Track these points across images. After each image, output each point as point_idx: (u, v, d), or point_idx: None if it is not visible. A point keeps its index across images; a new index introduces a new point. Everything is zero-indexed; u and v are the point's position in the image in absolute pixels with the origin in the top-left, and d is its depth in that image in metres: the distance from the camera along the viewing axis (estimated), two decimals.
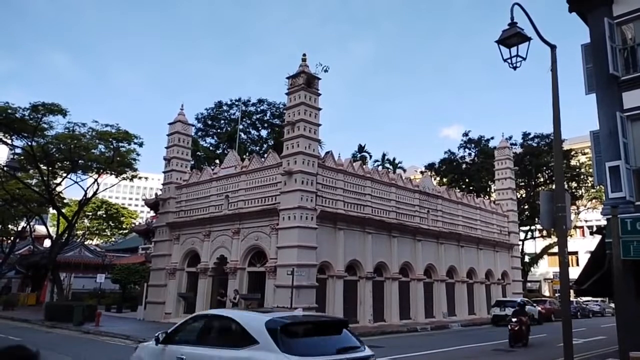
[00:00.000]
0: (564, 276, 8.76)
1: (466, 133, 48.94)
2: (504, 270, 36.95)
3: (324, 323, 7.30)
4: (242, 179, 25.33)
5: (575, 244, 54.12)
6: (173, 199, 29.07)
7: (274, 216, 22.68)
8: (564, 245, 8.86)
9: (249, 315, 6.93)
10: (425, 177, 35.26)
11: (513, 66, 8.92)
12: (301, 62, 23.67)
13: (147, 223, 45.35)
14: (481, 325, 28.82)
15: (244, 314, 7.18)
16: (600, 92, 12.05)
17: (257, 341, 5.97)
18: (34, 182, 34.72)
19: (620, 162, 10.98)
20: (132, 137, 29.98)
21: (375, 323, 24.81)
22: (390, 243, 27.20)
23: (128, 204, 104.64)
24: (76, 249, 41.03)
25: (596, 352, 15.82)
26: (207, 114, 47.44)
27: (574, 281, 13.53)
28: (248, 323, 6.41)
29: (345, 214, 24.41)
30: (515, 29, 8.74)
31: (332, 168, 24.46)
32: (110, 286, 37.91)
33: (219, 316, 7.45)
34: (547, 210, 9.09)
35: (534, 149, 45.22)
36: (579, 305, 39.92)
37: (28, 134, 27.90)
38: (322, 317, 9.08)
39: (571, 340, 8.45)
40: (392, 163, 54.62)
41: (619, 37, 12.18)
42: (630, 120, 11.57)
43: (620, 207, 10.41)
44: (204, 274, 25.84)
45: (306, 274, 21.23)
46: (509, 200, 38.46)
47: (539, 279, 60.88)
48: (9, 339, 17.41)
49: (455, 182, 47.96)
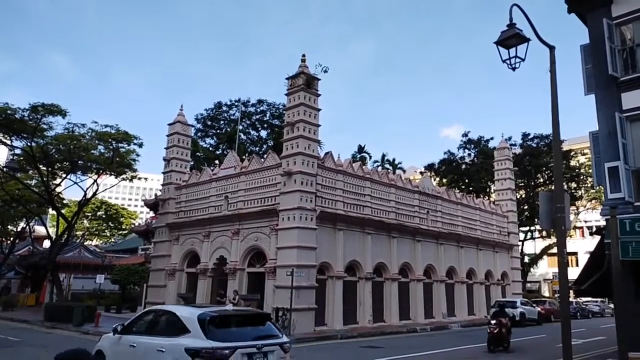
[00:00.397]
0: (562, 276, 8.78)
1: (466, 133, 49.05)
2: (504, 270, 36.96)
3: (248, 316, 8.65)
4: (241, 179, 25.34)
5: (575, 245, 54.18)
6: (173, 199, 29.08)
7: (274, 217, 22.69)
8: (563, 246, 8.87)
9: (185, 310, 8.14)
10: (424, 177, 35.27)
11: (512, 67, 8.94)
12: (301, 62, 23.68)
13: (146, 224, 45.32)
14: (481, 325, 28.70)
15: (182, 308, 8.52)
16: (599, 93, 12.07)
17: (190, 330, 7.29)
18: (34, 183, 34.71)
19: (619, 162, 11.00)
20: (132, 138, 29.97)
21: (374, 324, 24.79)
22: (390, 243, 27.20)
23: (127, 205, 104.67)
24: (76, 250, 40.97)
25: (596, 353, 15.83)
26: (207, 115, 47.48)
27: (574, 281, 13.54)
28: (184, 316, 7.70)
29: (344, 215, 24.41)
30: (514, 30, 8.76)
31: (331, 169, 24.47)
32: (109, 287, 37.87)
33: (164, 311, 8.75)
34: (546, 210, 9.12)
35: (533, 150, 45.25)
36: (579, 305, 39.94)
37: (27, 134, 27.87)
38: (247, 311, 10.58)
39: (570, 340, 8.47)
40: (391, 163, 54.65)
41: (618, 37, 12.20)
42: (629, 121, 11.59)
43: (619, 207, 10.43)
44: (203, 275, 25.83)
45: (306, 274, 21.23)
46: (509, 201, 38.48)
47: (538, 279, 60.93)
48: (9, 339, 17.44)
49: (454, 182, 48.00)
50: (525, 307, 29.78)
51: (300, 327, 20.29)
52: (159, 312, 8.83)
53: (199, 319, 7.33)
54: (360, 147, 53.64)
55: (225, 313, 8.08)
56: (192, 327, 7.29)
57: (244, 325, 7.99)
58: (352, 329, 22.70)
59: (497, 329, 15.63)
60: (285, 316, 20.22)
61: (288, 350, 7.86)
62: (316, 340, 19.19)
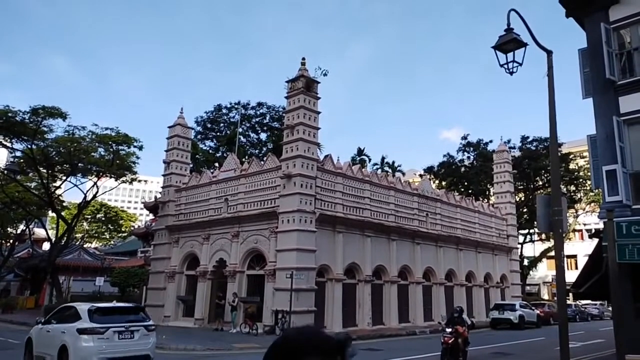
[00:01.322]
0: (560, 279, 8.82)
1: (465, 136, 49.11)
2: (503, 273, 36.96)
3: (124, 308, 12.37)
4: (241, 182, 25.39)
5: (574, 248, 54.15)
6: (172, 202, 29.11)
7: (273, 219, 22.73)
8: (560, 249, 8.92)
9: (82, 305, 11.92)
10: (424, 180, 35.32)
11: (509, 71, 9.00)
12: (300, 66, 23.77)
13: (146, 226, 45.33)
14: (480, 328, 28.83)
15: (80, 304, 12.37)
16: (597, 97, 12.13)
17: (82, 318, 10.91)
18: (34, 185, 34.76)
19: (617, 166, 11.05)
20: (132, 141, 30.05)
21: (374, 326, 24.81)
22: (389, 246, 27.23)
23: (127, 207, 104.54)
24: (75, 252, 40.95)
25: (594, 355, 15.87)
26: (207, 117, 47.49)
27: (572, 284, 13.59)
28: (80, 309, 11.37)
29: (344, 217, 24.45)
30: (512, 34, 8.81)
31: (331, 171, 24.52)
32: (109, 289, 37.80)
33: (70, 306, 12.38)
34: (544, 213, 9.16)
35: (532, 153, 45.30)
36: (578, 308, 39.87)
37: (28, 137, 27.95)
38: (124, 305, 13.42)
39: (567, 343, 8.50)
40: (391, 166, 54.68)
41: (615, 41, 12.27)
42: (626, 125, 11.65)
43: (616, 210, 10.48)
44: (203, 277, 25.85)
45: (305, 277, 21.27)
46: (508, 204, 38.52)
47: (537, 282, 60.82)
48: (8, 342, 17.46)
49: (454, 185, 48.01)
50: (524, 310, 29.79)
51: None
52: (67, 307, 12.48)
53: (87, 310, 11.00)
54: (360, 149, 53.72)
55: (106, 306, 11.85)
56: (83, 316, 10.93)
57: (120, 314, 11.53)
58: (351, 332, 22.63)
59: (453, 339, 13.05)
60: (284, 318, 20.24)
61: (152, 330, 11.50)
62: None
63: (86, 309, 11.03)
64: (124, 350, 10.72)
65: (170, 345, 17.23)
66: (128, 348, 10.79)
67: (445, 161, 49.53)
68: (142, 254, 43.97)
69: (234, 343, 17.96)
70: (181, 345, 17.14)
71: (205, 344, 17.67)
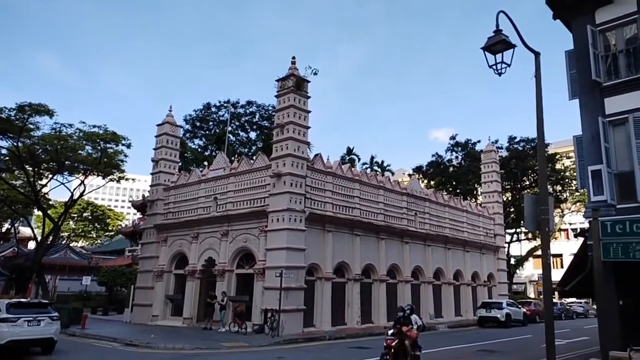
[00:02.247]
0: (546, 278, 8.97)
1: (453, 137, 49.60)
2: (490, 272, 37.35)
3: (35, 303, 15.94)
4: (230, 181, 25.32)
5: (560, 247, 54.92)
6: (161, 200, 28.92)
7: (263, 218, 22.72)
8: (546, 247, 9.05)
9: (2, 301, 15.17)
10: (413, 179, 35.54)
11: (498, 72, 9.12)
12: (290, 64, 23.75)
13: (134, 225, 44.99)
14: (467, 326, 29.11)
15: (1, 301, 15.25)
16: (583, 98, 12.30)
17: (2, 310, 14.16)
18: (19, 183, 34.30)
19: (602, 166, 11.24)
20: (120, 139, 29.78)
21: (363, 325, 24.92)
22: (379, 245, 27.37)
23: (115, 206, 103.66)
24: (61, 251, 40.54)
25: (579, 352, 16.12)
26: (196, 116, 47.23)
27: (558, 283, 13.79)
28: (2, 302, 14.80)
29: (334, 216, 24.52)
30: (500, 36, 8.94)
31: (321, 170, 24.57)
32: (96, 288, 37.51)
33: None
34: (530, 213, 9.31)
35: (519, 153, 45.83)
36: (563, 306, 40.43)
37: (14, 134, 27.54)
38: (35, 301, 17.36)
39: (553, 340, 8.65)
40: (380, 166, 54.93)
41: (601, 44, 12.46)
42: (612, 126, 11.84)
43: (601, 210, 10.67)
44: (191, 276, 25.74)
45: (295, 275, 21.30)
46: (495, 203, 38.91)
47: (524, 281, 61.57)
48: None
49: (442, 184, 48.40)
50: (511, 308, 30.13)
51: (289, 328, 20.34)
52: None
53: (5, 304, 14.42)
54: (349, 149, 53.90)
55: (20, 302, 15.58)
56: (2, 309, 14.19)
57: (32, 308, 14.93)
58: (341, 330, 22.81)
59: (396, 341, 11.53)
60: (274, 317, 20.24)
61: (55, 320, 14.89)
62: (305, 342, 19.26)
63: (5, 304, 14.57)
64: (31, 333, 14.25)
65: (159, 344, 17.16)
66: (34, 332, 14.30)
67: (434, 161, 49.91)
68: (129, 253, 43.69)
69: (223, 342, 17.91)
70: (170, 344, 17.06)
71: (194, 343, 17.61)
